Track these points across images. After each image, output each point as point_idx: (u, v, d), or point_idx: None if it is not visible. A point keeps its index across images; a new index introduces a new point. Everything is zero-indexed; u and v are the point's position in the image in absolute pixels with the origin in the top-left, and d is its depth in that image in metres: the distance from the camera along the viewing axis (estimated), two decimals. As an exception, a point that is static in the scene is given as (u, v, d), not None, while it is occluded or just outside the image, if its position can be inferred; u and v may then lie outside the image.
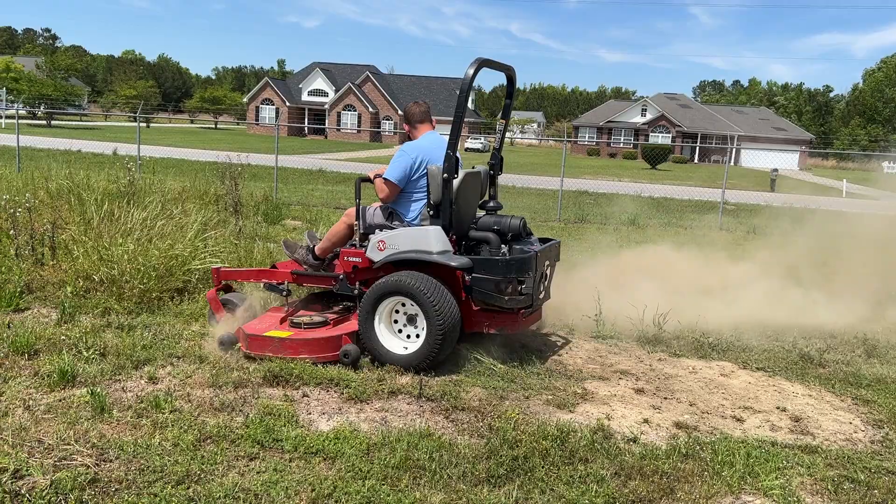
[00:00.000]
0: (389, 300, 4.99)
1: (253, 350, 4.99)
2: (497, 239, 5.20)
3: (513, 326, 5.16)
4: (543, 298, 5.59)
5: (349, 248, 5.42)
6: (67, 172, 11.75)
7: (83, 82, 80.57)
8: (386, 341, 5.02)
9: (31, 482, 3.17)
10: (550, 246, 5.55)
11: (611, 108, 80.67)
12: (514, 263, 4.96)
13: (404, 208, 5.37)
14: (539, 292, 5.34)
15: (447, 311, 4.81)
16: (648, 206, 19.54)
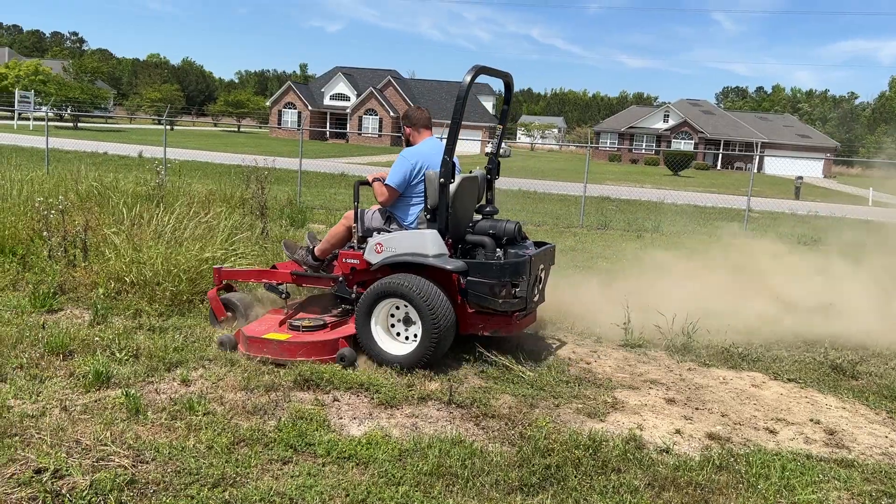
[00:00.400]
0: (386, 302, 5.07)
1: (252, 352, 5.06)
2: (492, 243, 5.28)
3: (507, 329, 5.23)
4: (538, 301, 5.66)
5: (347, 250, 5.50)
6: (96, 174, 11.92)
7: (109, 85, 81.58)
8: (382, 342, 5.10)
9: (70, 482, 3.21)
10: (545, 250, 5.63)
11: (632, 114, 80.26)
12: (509, 267, 5.02)
13: (402, 212, 5.44)
14: (533, 295, 5.41)
15: (442, 313, 4.89)
16: (672, 212, 19.42)
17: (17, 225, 7.53)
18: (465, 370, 5.16)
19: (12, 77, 54.39)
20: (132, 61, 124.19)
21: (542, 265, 5.54)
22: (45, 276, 6.61)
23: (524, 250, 5.37)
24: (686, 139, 71.89)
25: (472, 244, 5.36)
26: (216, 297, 5.82)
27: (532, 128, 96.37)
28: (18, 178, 10.63)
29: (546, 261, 5.66)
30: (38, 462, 3.35)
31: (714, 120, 74.88)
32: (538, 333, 6.25)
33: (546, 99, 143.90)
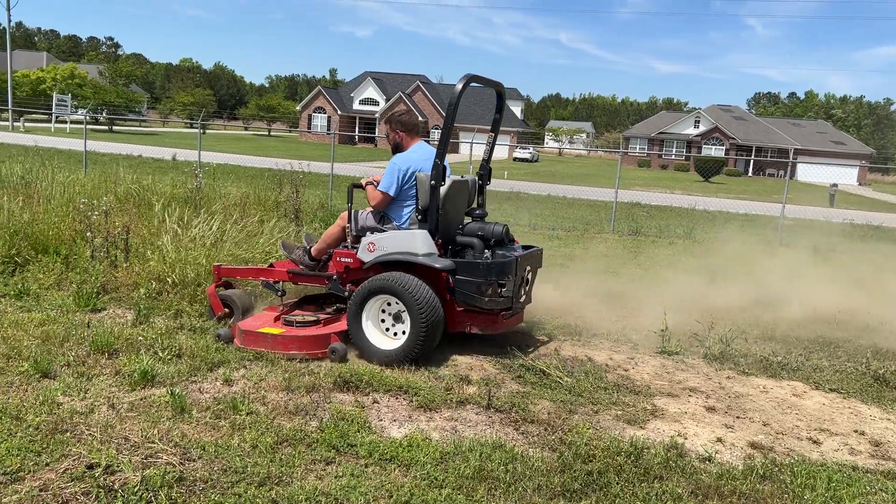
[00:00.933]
0: (376, 298, 5.25)
1: (247, 345, 5.25)
2: (481, 244, 5.47)
3: (493, 327, 5.43)
4: (524, 302, 5.84)
5: (342, 250, 5.69)
6: (134, 177, 12.14)
7: (143, 89, 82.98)
8: (372, 337, 5.26)
9: (122, 478, 3.28)
10: (532, 252, 5.81)
11: (662, 120, 79.63)
12: (495, 267, 5.22)
13: (395, 213, 5.63)
14: (520, 296, 5.60)
15: (430, 310, 5.06)
16: (704, 219, 19.22)
17: (60, 226, 7.70)
18: (502, 375, 5.17)
19: (50, 81, 55.59)
20: (165, 66, 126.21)
21: (529, 267, 5.72)
22: (88, 276, 6.75)
23: (511, 252, 5.54)
24: (717, 145, 71.13)
25: (461, 245, 5.55)
26: (214, 293, 5.97)
27: (560, 132, 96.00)
28: (60, 181, 10.87)
29: (533, 263, 5.83)
30: (90, 458, 3.42)
31: (746, 126, 74.02)
32: (574, 339, 6.23)
33: (574, 104, 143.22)
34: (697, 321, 6.95)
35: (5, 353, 4.79)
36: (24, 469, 3.31)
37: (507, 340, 5.98)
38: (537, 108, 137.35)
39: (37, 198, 8.71)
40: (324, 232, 6.12)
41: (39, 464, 3.37)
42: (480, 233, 5.56)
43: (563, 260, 10.48)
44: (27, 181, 10.61)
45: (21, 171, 11.94)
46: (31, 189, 9.65)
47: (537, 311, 6.96)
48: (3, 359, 4.70)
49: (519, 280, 5.44)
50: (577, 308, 7.18)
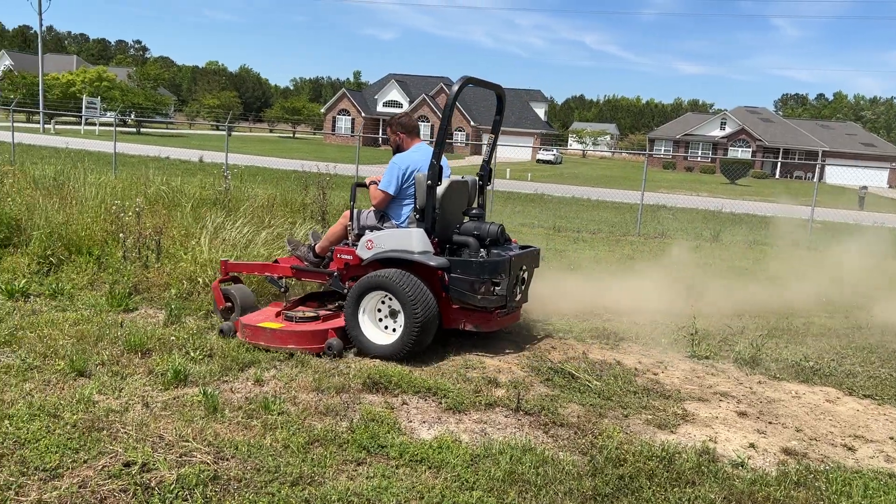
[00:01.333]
0: (373, 294, 5.35)
1: (248, 339, 5.37)
2: (476, 243, 5.54)
3: (487, 325, 5.52)
4: (520, 301, 5.91)
5: (343, 247, 5.80)
6: (163, 178, 12.30)
7: (170, 92, 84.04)
8: (368, 333, 5.36)
9: (158, 476, 3.32)
10: (527, 252, 5.87)
11: (688, 121, 78.95)
12: (488, 265, 5.32)
13: (395, 212, 5.75)
14: (515, 295, 5.70)
15: (424, 306, 5.15)
16: (730, 221, 19.03)
17: (92, 227, 7.82)
18: (530, 378, 5.16)
19: (79, 83, 56.49)
20: (192, 68, 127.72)
21: (524, 266, 5.79)
22: (120, 276, 6.85)
23: (507, 251, 5.61)
24: (743, 147, 70.37)
25: (457, 244, 5.62)
26: (217, 287, 6.08)
27: (584, 134, 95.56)
28: (91, 182, 11.04)
29: (528, 262, 5.89)
30: (127, 456, 3.48)
31: (773, 128, 73.14)
32: (603, 343, 6.20)
33: (598, 105, 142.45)
34: (727, 325, 6.90)
35: (42, 351, 4.88)
36: (62, 466, 3.37)
37: (535, 343, 5.98)
38: (561, 109, 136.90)
39: (69, 199, 8.85)
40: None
41: (77, 461, 3.43)
42: (476, 232, 5.63)
43: (588, 262, 10.43)
44: (59, 183, 10.80)
45: (53, 172, 12.15)
46: (63, 190, 9.82)
47: (564, 315, 6.95)
48: (40, 357, 4.79)
49: (513, 279, 5.55)
50: (605, 311, 7.15)
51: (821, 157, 45.09)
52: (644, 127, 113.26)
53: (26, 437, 3.60)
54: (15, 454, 3.44)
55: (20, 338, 5.16)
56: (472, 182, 6.13)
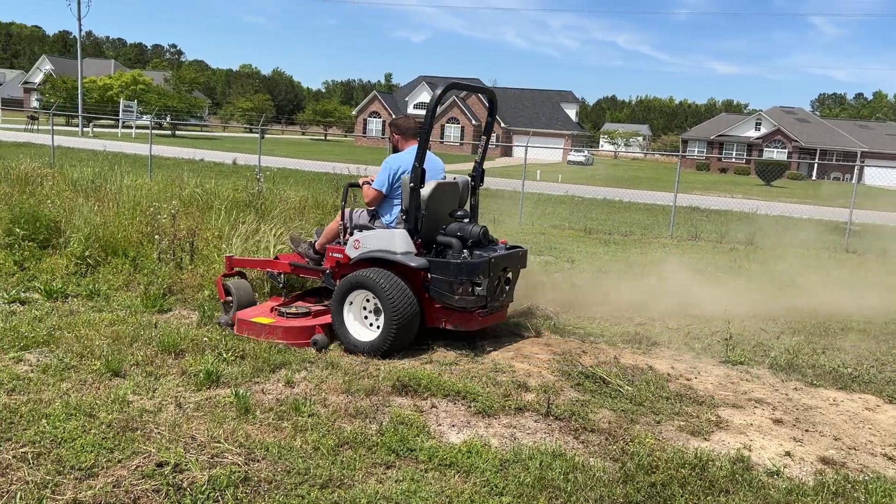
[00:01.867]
0: (356, 293, 5.50)
1: (241, 332, 5.62)
2: (459, 244, 5.60)
3: (467, 324, 5.58)
4: (505, 301, 5.98)
5: (335, 246, 5.96)
6: (197, 181, 12.46)
7: (204, 95, 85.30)
8: (352, 330, 5.52)
9: (190, 477, 3.36)
10: (511, 253, 5.91)
11: (722, 122, 77.86)
12: (466, 267, 5.38)
13: (385, 211, 5.88)
14: (498, 295, 5.74)
15: (402, 305, 5.28)
16: (766, 224, 18.70)
17: (129, 228, 7.95)
18: (560, 382, 5.12)
19: (117, 87, 57.57)
20: (226, 72, 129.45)
21: (507, 267, 5.84)
22: (155, 277, 6.96)
23: (489, 252, 5.65)
24: (779, 148, 69.18)
25: (441, 244, 5.69)
26: (220, 281, 6.29)
27: (615, 135, 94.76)
28: (127, 184, 11.24)
29: (512, 263, 5.93)
30: (160, 456, 3.52)
31: (809, 128, 71.75)
32: (634, 347, 6.13)
33: (630, 106, 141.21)
34: (762, 329, 6.78)
35: (79, 351, 4.98)
36: (97, 465, 3.42)
37: (565, 347, 5.93)
38: (592, 110, 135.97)
39: (106, 201, 9.01)
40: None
41: (112, 460, 3.48)
42: (459, 233, 5.70)
43: (620, 265, 10.33)
44: (97, 185, 11.00)
45: (91, 175, 12.39)
46: (100, 193, 10.00)
47: (595, 318, 6.89)
48: (77, 357, 4.88)
49: (495, 280, 5.61)
50: (637, 315, 7.07)
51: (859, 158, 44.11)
52: (677, 128, 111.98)
53: (63, 437, 3.67)
54: (52, 453, 3.51)
55: (58, 338, 5.26)
56: (464, 183, 6.21)
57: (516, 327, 6.47)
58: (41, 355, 4.95)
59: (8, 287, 6.61)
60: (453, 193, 6.04)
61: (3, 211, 8.19)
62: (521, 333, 6.32)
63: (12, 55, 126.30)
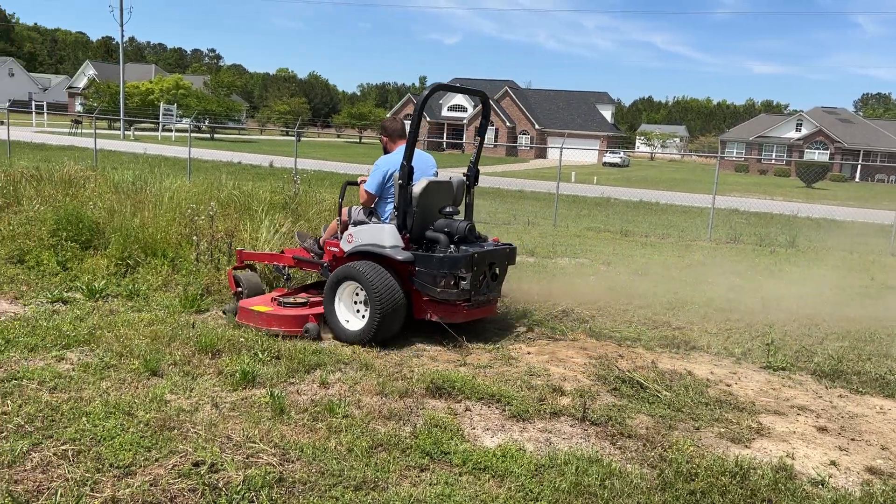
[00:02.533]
0: (346, 284, 5.75)
1: (241, 320, 5.90)
2: (446, 239, 5.78)
3: (452, 317, 5.78)
4: (492, 295, 6.14)
5: (332, 240, 6.26)
6: (235, 183, 12.62)
7: (242, 98, 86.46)
8: (342, 319, 5.75)
9: (225, 477, 3.38)
10: (496, 249, 6.06)
11: (762, 123, 76.47)
12: (448, 261, 5.59)
13: (381, 209, 6.11)
14: (483, 290, 5.91)
15: (386, 296, 5.49)
16: (808, 226, 18.30)
17: (168, 230, 8.07)
18: (597, 387, 5.05)
19: (157, 91, 58.72)
20: (263, 76, 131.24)
21: (494, 262, 6.00)
22: (193, 278, 7.05)
23: (474, 248, 5.81)
24: (821, 149, 67.69)
25: (429, 240, 5.88)
26: (230, 273, 6.65)
27: (652, 136, 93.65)
28: (167, 186, 11.42)
29: (498, 259, 6.07)
30: (196, 455, 3.55)
31: (852, 129, 70.06)
32: (672, 352, 6.02)
33: (667, 107, 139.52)
34: (805, 334, 6.61)
35: (119, 350, 5.05)
36: (135, 464, 3.46)
37: (601, 351, 5.85)
38: (628, 111, 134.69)
39: (147, 203, 9.16)
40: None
41: (150, 459, 3.52)
42: (447, 229, 5.88)
43: (657, 268, 10.18)
44: (137, 187, 11.21)
45: (132, 177, 12.62)
46: (141, 195, 10.18)
47: (632, 321, 6.79)
48: (117, 356, 4.96)
49: (479, 274, 5.78)
50: (675, 319, 6.94)
51: (906, 159, 42.90)
52: (715, 129, 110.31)
53: (102, 435, 3.72)
54: (91, 451, 3.56)
55: (98, 337, 5.35)
56: (458, 182, 6.40)
57: (551, 331, 6.41)
58: (82, 354, 5.04)
59: (51, 287, 6.76)
60: (445, 191, 6.23)
61: (48, 213, 8.38)
62: (557, 337, 6.26)
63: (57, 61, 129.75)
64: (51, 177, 11.88)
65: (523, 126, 69.58)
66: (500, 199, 21.74)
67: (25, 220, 8.35)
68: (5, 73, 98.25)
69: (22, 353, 4.94)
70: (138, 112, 55.07)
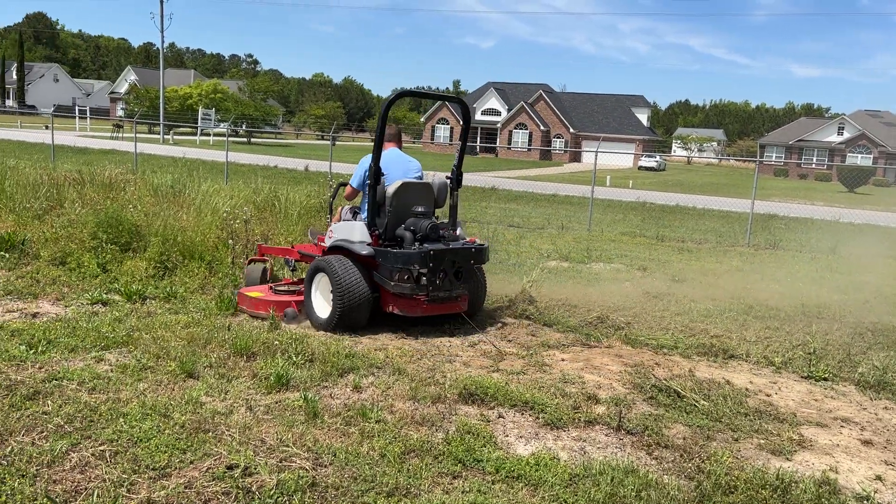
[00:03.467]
0: (319, 275, 6.21)
1: (239, 304, 6.51)
2: (411, 237, 6.12)
3: (412, 310, 6.06)
4: (455, 292, 6.26)
5: (322, 235, 6.79)
6: (271, 187, 12.75)
7: (278, 103, 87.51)
8: (316, 308, 6.23)
9: (259, 480, 3.39)
10: (460, 248, 6.27)
11: (802, 126, 75.00)
12: (402, 257, 5.91)
13: (362, 206, 6.50)
14: (444, 287, 6.11)
15: (347, 287, 5.89)
16: (849, 232, 17.85)
17: (205, 233, 8.17)
18: (632, 395, 4.97)
19: (196, 96, 59.71)
20: (299, 80, 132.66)
21: (455, 261, 6.18)
22: (229, 281, 7.12)
23: (436, 246, 6.07)
24: (863, 153, 66.13)
25: (398, 237, 6.20)
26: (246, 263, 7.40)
27: (689, 140, 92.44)
28: (204, 190, 11.59)
29: (461, 258, 6.25)
30: (230, 458, 3.57)
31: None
32: (710, 360, 5.91)
33: (704, 110, 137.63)
34: (848, 343, 6.43)
35: (156, 352, 5.12)
36: (170, 466, 3.49)
37: (637, 359, 5.76)
38: (664, 115, 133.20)
39: (185, 207, 9.30)
40: None
41: (184, 461, 3.54)
42: (412, 227, 6.21)
43: (694, 274, 10.01)
44: (176, 191, 11.39)
45: (171, 181, 12.83)
46: (179, 198, 10.34)
47: (669, 329, 6.67)
48: (154, 358, 5.02)
49: (437, 271, 6.00)
50: (713, 326, 6.81)
51: (953, 164, 41.69)
52: (753, 132, 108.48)
53: (139, 436, 3.76)
54: (128, 452, 3.60)
55: (136, 339, 5.42)
56: (441, 184, 6.70)
57: (586, 337, 6.34)
58: (120, 355, 5.11)
59: (91, 288, 6.88)
60: (423, 193, 6.51)
61: (90, 216, 8.55)
62: (591, 344, 6.19)
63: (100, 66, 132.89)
64: (92, 180, 12.13)
65: (557, 130, 69.19)
66: (534, 204, 21.63)
67: (67, 223, 8.53)
68: (50, 79, 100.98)
69: (62, 353, 5.03)
70: (177, 116, 56.04)
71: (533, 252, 11.41)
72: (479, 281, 6.61)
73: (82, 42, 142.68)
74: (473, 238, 6.63)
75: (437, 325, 6.35)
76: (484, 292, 6.76)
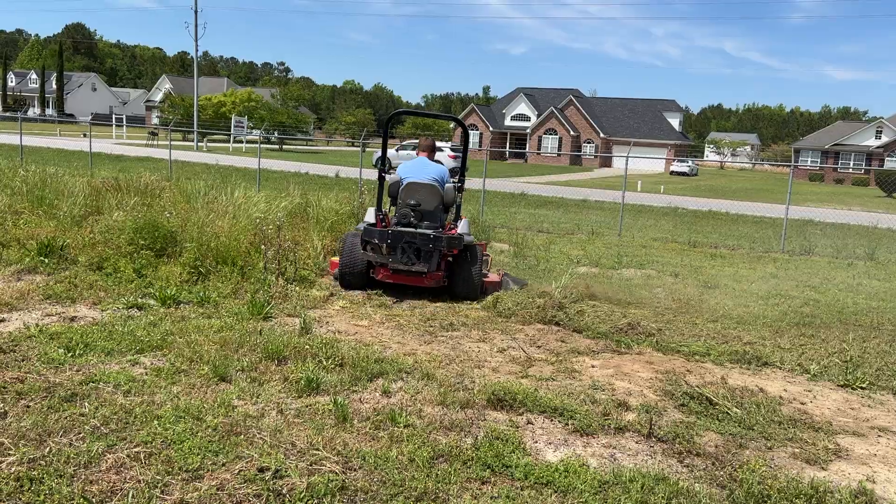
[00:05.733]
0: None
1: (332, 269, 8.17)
2: (395, 222, 7.75)
3: (379, 276, 7.68)
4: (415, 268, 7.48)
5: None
6: (303, 193, 12.88)
7: (310, 110, 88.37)
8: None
9: (289, 483, 3.43)
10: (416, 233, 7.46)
11: (838, 130, 73.62)
12: (367, 233, 7.48)
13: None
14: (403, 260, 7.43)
15: (347, 253, 7.65)
16: (888, 238, 17.48)
17: (239, 239, 8.28)
18: (663, 402, 4.92)
19: (229, 104, 60.61)
20: (330, 88, 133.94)
21: (413, 242, 7.41)
22: (261, 285, 7.20)
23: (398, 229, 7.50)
24: (903, 157, 64.60)
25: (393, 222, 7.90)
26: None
27: (721, 145, 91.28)
28: (237, 197, 11.74)
29: (419, 241, 7.41)
30: (261, 461, 3.61)
31: (938, 135, 66.66)
32: (743, 367, 5.82)
33: (737, 114, 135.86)
34: (886, 351, 6.29)
35: (189, 356, 5.20)
36: (203, 468, 3.54)
37: (668, 366, 5.70)
38: (697, 119, 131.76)
39: (218, 213, 9.44)
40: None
41: (217, 464, 3.59)
42: (397, 216, 7.82)
43: (727, 280, 9.88)
44: (209, 197, 11.56)
45: (204, 187, 13.04)
46: (213, 205, 10.49)
47: (701, 336, 6.59)
48: (188, 362, 5.10)
49: (395, 248, 7.40)
50: (746, 333, 6.71)
51: None
52: (788, 136, 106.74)
53: (172, 438, 3.82)
54: (162, 454, 3.66)
55: (170, 342, 5.52)
56: (449, 187, 8.12)
57: (616, 344, 6.29)
58: (154, 359, 5.20)
59: (127, 293, 7.01)
60: (429, 193, 7.90)
61: (127, 222, 8.72)
62: (622, 350, 6.14)
63: (136, 75, 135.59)
64: (129, 187, 12.37)
65: (588, 135, 68.84)
66: (564, 209, 21.54)
67: (105, 229, 8.71)
68: (88, 88, 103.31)
69: (99, 356, 5.13)
70: (211, 124, 56.91)
71: (563, 258, 11.36)
72: (466, 269, 7.63)
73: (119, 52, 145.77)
74: (455, 230, 7.91)
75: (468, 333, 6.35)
76: (472, 279, 7.65)
